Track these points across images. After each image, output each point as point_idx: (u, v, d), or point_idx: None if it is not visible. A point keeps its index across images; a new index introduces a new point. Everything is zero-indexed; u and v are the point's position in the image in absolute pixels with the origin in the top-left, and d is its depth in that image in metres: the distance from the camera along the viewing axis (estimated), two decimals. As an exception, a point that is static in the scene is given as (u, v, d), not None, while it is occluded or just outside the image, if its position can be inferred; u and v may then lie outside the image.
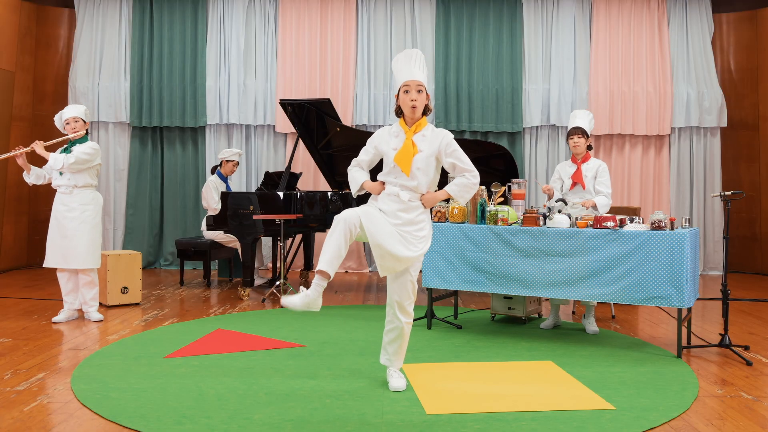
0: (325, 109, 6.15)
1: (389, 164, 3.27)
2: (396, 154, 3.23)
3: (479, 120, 7.96)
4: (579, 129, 4.89)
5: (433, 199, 3.26)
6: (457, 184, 3.28)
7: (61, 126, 5.09)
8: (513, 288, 4.36)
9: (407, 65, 3.23)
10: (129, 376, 3.58)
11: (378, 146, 3.34)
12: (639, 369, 3.79)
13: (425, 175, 3.24)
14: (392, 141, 3.29)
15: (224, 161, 6.83)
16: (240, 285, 6.19)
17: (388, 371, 3.44)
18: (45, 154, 4.89)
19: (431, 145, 3.25)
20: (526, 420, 2.96)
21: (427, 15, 8.09)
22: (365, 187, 3.34)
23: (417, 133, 3.26)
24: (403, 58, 3.26)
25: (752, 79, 8.10)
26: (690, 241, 3.97)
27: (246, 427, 2.84)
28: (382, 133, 3.36)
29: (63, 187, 4.96)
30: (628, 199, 8.08)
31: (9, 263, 7.71)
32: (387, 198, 3.27)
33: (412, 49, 3.29)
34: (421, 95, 3.21)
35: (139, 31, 8.03)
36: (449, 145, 3.25)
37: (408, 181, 3.23)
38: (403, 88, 3.22)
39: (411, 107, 3.20)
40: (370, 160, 3.40)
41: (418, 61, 3.24)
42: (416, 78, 3.20)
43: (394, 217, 3.21)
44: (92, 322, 4.98)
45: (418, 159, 3.22)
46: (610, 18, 8.06)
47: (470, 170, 3.27)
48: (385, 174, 3.31)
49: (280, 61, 7.99)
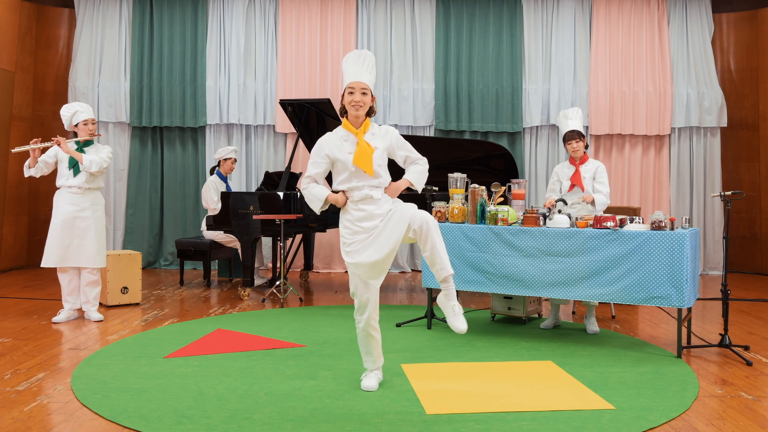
0: (325, 109, 6.15)
1: (348, 169, 3.21)
2: (353, 157, 3.19)
3: (479, 120, 7.96)
4: (576, 133, 4.88)
5: (397, 189, 3.29)
6: (415, 171, 3.34)
7: (72, 123, 5.03)
8: (513, 288, 4.36)
9: (355, 66, 3.24)
10: (129, 376, 3.58)
11: (330, 154, 3.25)
12: (639, 369, 3.79)
13: (385, 171, 3.28)
14: (344, 146, 3.24)
15: (221, 160, 6.83)
16: (240, 285, 6.19)
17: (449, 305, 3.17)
18: (73, 153, 4.91)
19: (383, 141, 3.28)
20: (526, 420, 2.96)
21: (427, 15, 8.09)
22: (329, 200, 3.27)
23: (366, 133, 3.26)
24: (352, 58, 3.26)
25: (752, 79, 8.10)
26: (690, 241, 3.97)
27: (246, 427, 2.84)
28: (328, 141, 3.28)
29: (75, 188, 4.95)
30: (628, 199, 8.08)
31: (9, 263, 7.71)
32: (358, 204, 3.21)
33: (362, 50, 3.30)
34: (366, 97, 3.21)
35: (139, 31, 8.03)
36: (398, 138, 3.34)
37: (372, 181, 3.23)
38: (348, 89, 3.22)
39: (354, 108, 3.20)
40: (324, 171, 3.31)
41: (366, 63, 3.24)
42: (361, 80, 3.20)
43: (373, 218, 3.19)
44: (92, 322, 4.98)
45: (376, 156, 3.23)
46: (610, 18, 8.06)
47: (420, 158, 3.38)
48: (345, 181, 3.24)
49: (280, 61, 7.99)
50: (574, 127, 4.93)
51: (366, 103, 3.22)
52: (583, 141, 4.89)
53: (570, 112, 5.02)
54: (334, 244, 8.01)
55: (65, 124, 5.06)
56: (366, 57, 3.26)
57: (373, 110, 3.30)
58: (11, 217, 7.72)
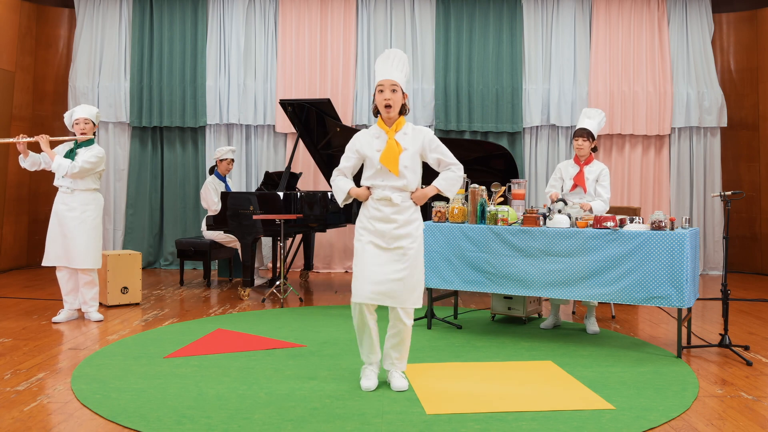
0: (325, 109, 6.15)
1: (374, 167, 3.24)
2: (381, 155, 3.21)
3: (479, 120, 7.96)
4: (585, 131, 4.84)
5: (423, 196, 3.28)
6: (444, 178, 3.29)
7: (70, 124, 5.06)
8: (513, 288, 4.36)
9: (384, 65, 3.25)
10: (129, 376, 3.58)
11: (360, 150, 3.30)
12: (639, 369, 3.79)
13: (413, 173, 3.25)
14: (374, 143, 3.26)
15: (218, 161, 6.83)
16: (240, 285, 6.19)
17: (391, 372, 3.43)
18: (50, 152, 4.88)
19: (414, 143, 3.26)
20: (526, 420, 2.96)
21: (427, 15, 8.09)
22: (351, 194, 3.31)
23: (398, 132, 3.25)
24: (381, 58, 3.28)
25: (752, 79, 8.10)
26: (690, 241, 3.97)
27: (246, 427, 2.84)
28: (362, 136, 3.32)
29: (64, 187, 4.96)
30: (628, 199, 8.08)
31: (9, 263, 7.71)
32: (377, 203, 3.24)
33: (392, 50, 3.30)
34: (396, 94, 3.21)
35: (139, 31, 8.03)
36: (432, 141, 3.28)
37: (397, 182, 3.22)
38: (378, 87, 3.23)
39: (384, 106, 3.20)
40: (353, 166, 3.36)
41: (396, 61, 3.25)
42: (391, 77, 3.21)
43: (389, 221, 3.21)
44: (92, 322, 4.98)
45: (404, 157, 3.22)
46: (610, 18, 8.06)
47: (455, 163, 3.30)
48: (371, 177, 3.27)
49: (280, 61, 7.99)
50: (586, 126, 4.90)
51: (397, 101, 3.21)
52: (590, 142, 4.84)
53: (591, 111, 4.98)
54: (334, 244, 8.01)
55: (67, 124, 5.10)
56: (396, 55, 3.26)
57: (405, 108, 3.29)
58: (11, 217, 7.72)
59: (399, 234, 3.23)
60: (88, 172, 4.93)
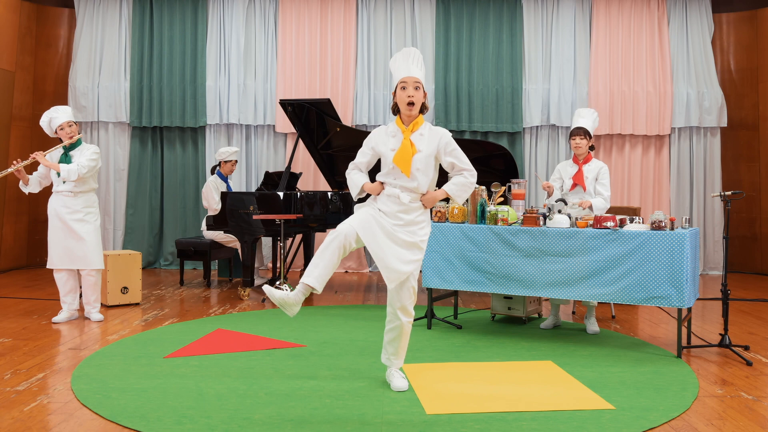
0: (325, 109, 6.15)
1: (388, 165, 3.23)
2: (395, 154, 3.19)
3: (479, 120, 7.96)
4: (581, 129, 4.84)
5: (433, 199, 3.25)
6: (455, 183, 3.26)
7: (51, 131, 5.00)
8: (513, 288, 4.36)
9: (405, 62, 3.21)
10: (129, 376, 3.58)
11: (375, 147, 3.29)
12: (639, 369, 3.79)
13: (425, 176, 3.22)
14: (390, 141, 3.24)
15: (222, 162, 6.83)
16: (240, 285, 6.19)
17: (390, 372, 3.43)
18: (51, 164, 4.86)
19: (430, 145, 3.21)
20: (526, 420, 2.96)
21: (427, 15, 8.09)
22: (365, 189, 3.30)
23: (414, 132, 3.22)
24: (400, 56, 3.25)
25: (752, 79, 8.10)
26: (690, 241, 3.97)
27: (246, 427, 2.84)
28: (379, 133, 3.31)
29: (67, 191, 4.94)
30: (628, 199, 8.08)
31: (9, 263, 7.71)
32: (387, 199, 3.24)
33: (410, 48, 3.27)
34: (419, 92, 3.17)
35: (139, 31, 8.03)
36: (448, 144, 3.23)
37: (408, 182, 3.20)
38: (401, 84, 3.18)
39: (407, 103, 3.16)
40: (368, 162, 3.36)
41: (415, 59, 3.22)
42: (413, 74, 3.18)
43: (395, 218, 3.20)
44: (92, 322, 4.99)
45: (418, 159, 3.18)
46: (610, 18, 8.06)
47: (469, 169, 3.25)
48: (384, 174, 3.27)
49: (280, 61, 7.99)
50: (580, 124, 4.90)
51: (419, 98, 3.18)
52: (587, 140, 4.85)
53: (584, 111, 4.99)
54: (334, 244, 7.99)
55: (47, 132, 4.99)
56: (414, 53, 3.23)
57: (425, 107, 3.27)
58: (11, 217, 7.72)
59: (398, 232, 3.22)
60: (93, 170, 4.94)
